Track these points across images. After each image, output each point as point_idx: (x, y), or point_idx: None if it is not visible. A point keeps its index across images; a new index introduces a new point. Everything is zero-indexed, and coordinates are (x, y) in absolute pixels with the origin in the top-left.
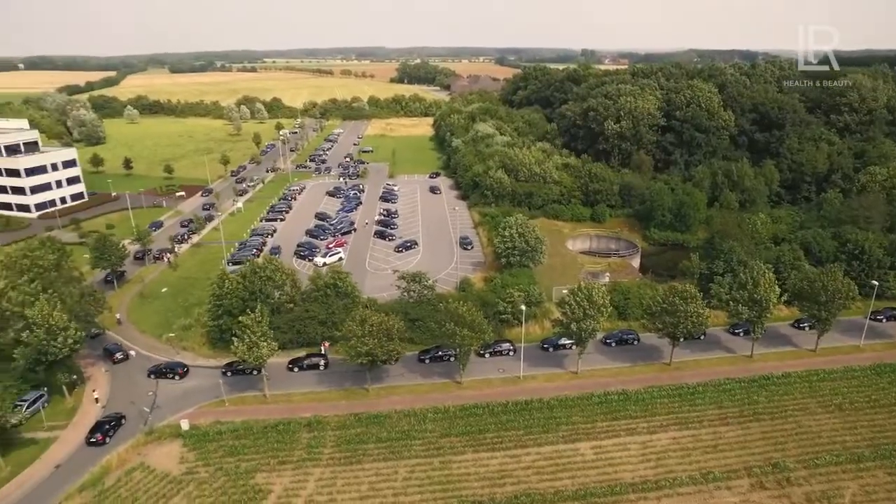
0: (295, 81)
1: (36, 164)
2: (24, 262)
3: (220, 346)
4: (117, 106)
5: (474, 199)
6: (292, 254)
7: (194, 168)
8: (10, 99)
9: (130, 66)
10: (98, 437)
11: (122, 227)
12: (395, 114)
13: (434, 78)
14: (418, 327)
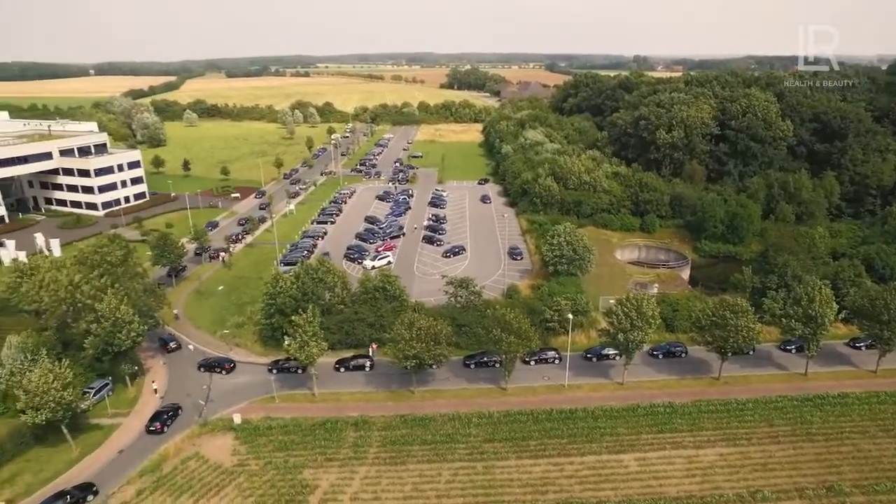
0: (347, 86)
1: (104, 164)
2: (95, 257)
3: (271, 344)
4: (177, 109)
5: (523, 206)
6: (342, 256)
7: (249, 170)
8: (82, 103)
9: (190, 70)
10: (157, 426)
11: (181, 227)
12: (445, 119)
13: (484, 84)
14: (465, 332)
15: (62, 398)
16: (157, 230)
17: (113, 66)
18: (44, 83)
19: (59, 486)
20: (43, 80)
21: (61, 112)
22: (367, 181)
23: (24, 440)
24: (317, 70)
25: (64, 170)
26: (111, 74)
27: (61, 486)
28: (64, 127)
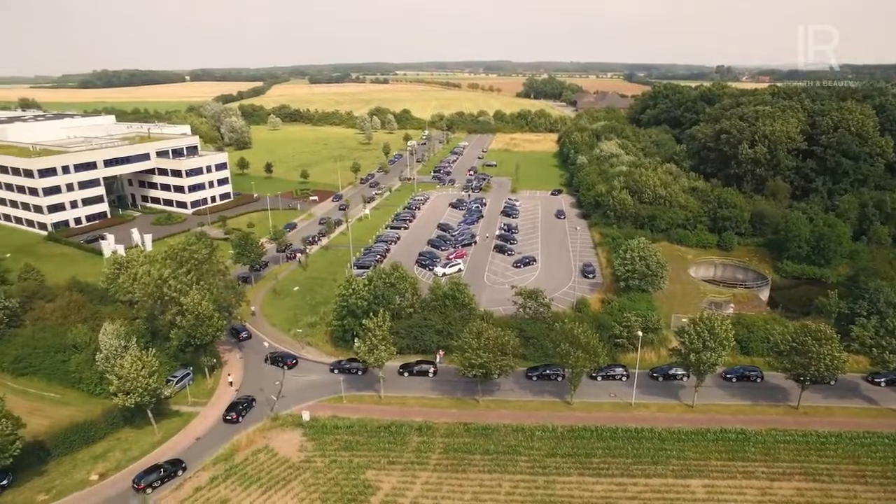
0: (424, 93)
1: (195, 166)
2: (183, 254)
3: (341, 345)
4: (262, 114)
5: (595, 218)
6: (414, 262)
7: (327, 174)
8: (178, 107)
9: (275, 76)
10: (233, 416)
11: (261, 227)
12: (520, 129)
13: (560, 93)
14: (532, 344)
15: (148, 385)
16: (239, 229)
17: (206, 73)
18: (146, 88)
19: (150, 461)
20: (146, 85)
21: (159, 115)
22: (441, 188)
23: (114, 421)
24: (395, 77)
25: (159, 170)
26: (205, 80)
27: (148, 463)
28: (161, 130)
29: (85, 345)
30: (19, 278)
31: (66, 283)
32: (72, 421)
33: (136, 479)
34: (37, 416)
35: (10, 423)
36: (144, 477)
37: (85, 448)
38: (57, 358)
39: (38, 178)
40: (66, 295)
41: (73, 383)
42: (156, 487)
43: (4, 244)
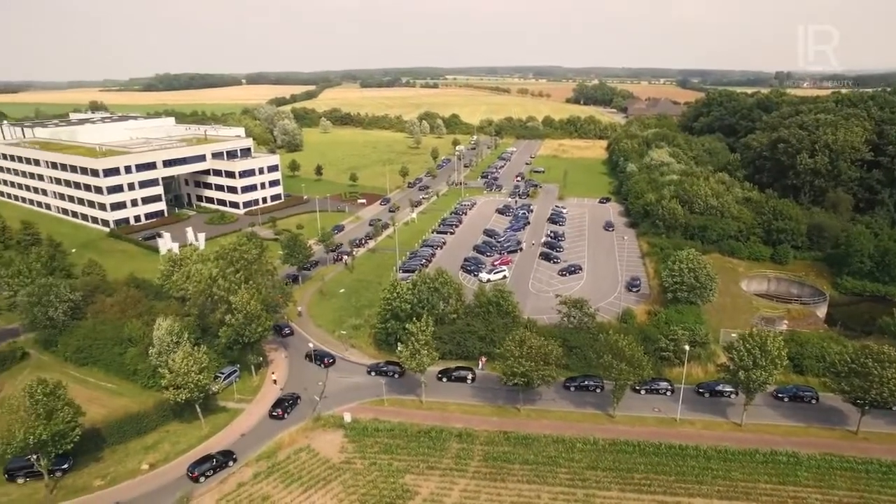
0: (473, 98)
1: (248, 167)
2: (233, 254)
3: (384, 348)
4: (314, 117)
5: (644, 228)
6: (459, 267)
7: (375, 177)
8: (233, 109)
9: (328, 80)
10: (278, 412)
11: (310, 228)
12: (569, 135)
13: (611, 100)
14: (575, 355)
15: (198, 380)
16: (288, 230)
17: (262, 76)
18: (205, 91)
19: (197, 455)
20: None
21: (216, 117)
22: (488, 194)
23: (165, 413)
24: (445, 82)
25: (214, 170)
26: (260, 83)
27: (197, 456)
28: (217, 132)
29: (139, 339)
30: (83, 273)
31: (125, 278)
32: (126, 411)
33: (190, 468)
34: (95, 405)
35: (72, 410)
36: (198, 466)
37: (137, 438)
38: (114, 350)
39: (103, 178)
40: (124, 290)
41: (128, 375)
42: (208, 477)
43: (71, 240)
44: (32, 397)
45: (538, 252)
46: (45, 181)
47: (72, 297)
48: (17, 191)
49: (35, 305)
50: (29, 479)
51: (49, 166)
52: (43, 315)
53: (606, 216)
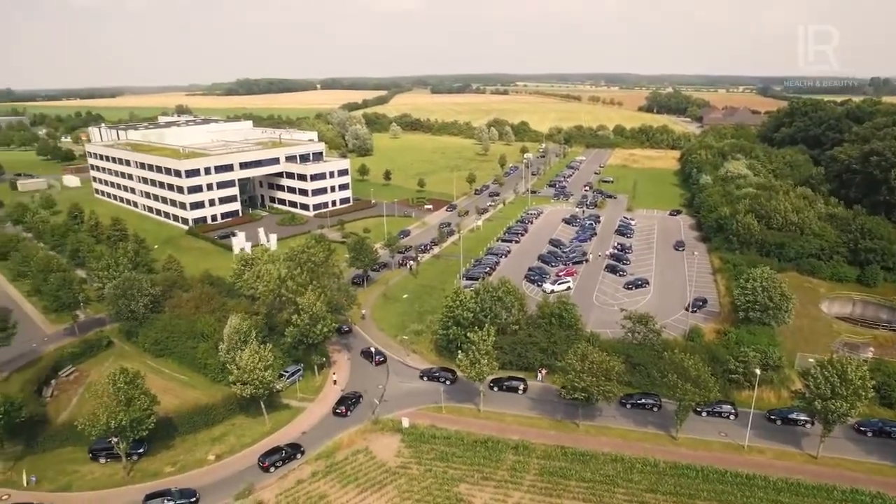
0: (543, 105)
1: (319, 171)
2: (302, 256)
3: (445, 355)
4: (384, 122)
5: (716, 242)
6: (522, 277)
7: (443, 183)
8: (307, 114)
9: (399, 86)
10: (342, 410)
11: (376, 232)
12: (640, 144)
13: (685, 108)
14: (638, 372)
15: (263, 378)
16: (355, 233)
17: (335, 81)
18: (281, 96)
19: (261, 449)
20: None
21: (291, 121)
22: (555, 203)
23: (231, 407)
24: (515, 88)
25: (287, 173)
26: (333, 89)
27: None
28: (291, 135)
29: (211, 334)
30: (163, 268)
31: (200, 275)
32: (196, 403)
33: (261, 458)
34: (168, 395)
35: (148, 399)
36: (268, 457)
37: (205, 429)
38: (188, 344)
39: (185, 178)
40: (199, 287)
41: (199, 369)
42: (278, 467)
43: (154, 236)
44: (115, 385)
45: (604, 264)
46: (134, 180)
47: (152, 292)
48: (110, 189)
49: (120, 298)
50: (109, 460)
51: (137, 166)
52: (126, 307)
53: (677, 230)
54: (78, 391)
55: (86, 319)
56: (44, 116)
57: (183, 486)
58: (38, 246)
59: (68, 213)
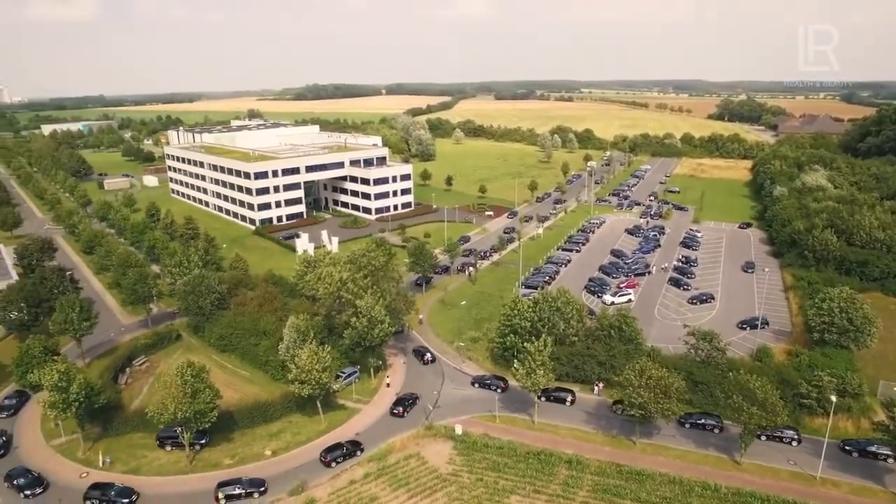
0: (608, 113)
1: (382, 175)
2: (363, 259)
3: (500, 363)
4: (448, 128)
5: (789, 258)
6: (582, 287)
7: (504, 190)
8: (372, 118)
9: (464, 92)
10: (399, 410)
11: (436, 237)
12: (709, 154)
13: (759, 116)
14: (701, 391)
15: (321, 378)
16: (416, 238)
17: (400, 87)
18: (348, 101)
19: (316, 447)
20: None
21: (356, 126)
22: (618, 213)
23: (289, 405)
24: (580, 95)
25: (350, 177)
26: (398, 94)
27: (312, 449)
28: (356, 140)
29: (272, 333)
30: (230, 266)
31: (265, 274)
32: (256, 399)
33: (322, 454)
34: (230, 390)
35: (212, 393)
36: (330, 452)
37: (263, 425)
38: (250, 341)
39: (253, 180)
40: (263, 286)
41: (260, 365)
42: (339, 463)
43: (223, 235)
44: (182, 377)
45: (667, 277)
46: (207, 181)
47: (218, 290)
48: (184, 189)
49: (189, 294)
50: (174, 448)
51: (210, 168)
52: (194, 303)
53: (746, 244)
54: (149, 380)
55: (158, 313)
56: (130, 120)
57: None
58: (119, 242)
59: (146, 211)
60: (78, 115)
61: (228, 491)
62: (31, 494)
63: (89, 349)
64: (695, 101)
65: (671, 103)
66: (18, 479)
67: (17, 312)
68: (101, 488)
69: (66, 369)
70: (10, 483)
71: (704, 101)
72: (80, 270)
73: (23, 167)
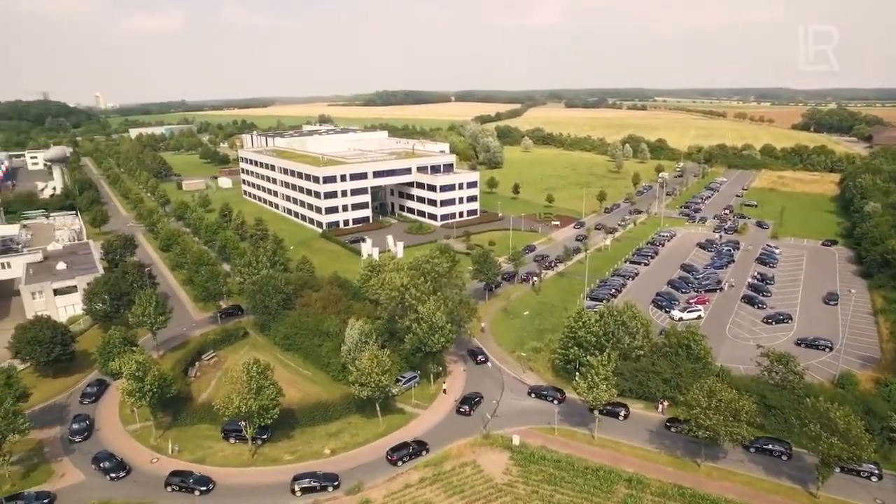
0: (683, 122)
1: (448, 182)
2: (426, 265)
3: (562, 375)
4: (516, 135)
5: (880, 279)
6: (649, 301)
7: (572, 200)
8: (440, 125)
9: (533, 99)
10: (465, 409)
11: (501, 246)
12: (792, 166)
13: (851, 126)
14: (774, 416)
15: (380, 381)
16: (480, 246)
17: (469, 94)
18: (417, 107)
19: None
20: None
21: (424, 133)
22: (690, 226)
23: (348, 406)
24: (654, 104)
25: (417, 183)
26: (468, 101)
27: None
28: (424, 146)
29: (335, 334)
30: (297, 268)
31: (329, 277)
32: (317, 398)
33: (389, 452)
34: (292, 388)
35: (276, 390)
36: (396, 451)
37: (323, 424)
38: (314, 341)
39: (322, 184)
40: (327, 288)
41: (322, 366)
42: (405, 461)
43: (292, 237)
44: (248, 373)
45: (741, 294)
46: (277, 184)
47: (285, 290)
48: (256, 191)
49: (257, 293)
50: (237, 441)
51: (281, 171)
52: (262, 302)
53: (831, 263)
54: (216, 375)
55: (226, 309)
56: (208, 124)
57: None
58: (193, 240)
59: (220, 211)
60: (161, 119)
61: (304, 484)
62: (116, 477)
63: (163, 342)
64: (777, 111)
65: (752, 112)
66: (104, 462)
67: (101, 304)
68: (180, 475)
69: (143, 360)
70: (96, 465)
71: (788, 111)
72: (157, 266)
73: (111, 168)
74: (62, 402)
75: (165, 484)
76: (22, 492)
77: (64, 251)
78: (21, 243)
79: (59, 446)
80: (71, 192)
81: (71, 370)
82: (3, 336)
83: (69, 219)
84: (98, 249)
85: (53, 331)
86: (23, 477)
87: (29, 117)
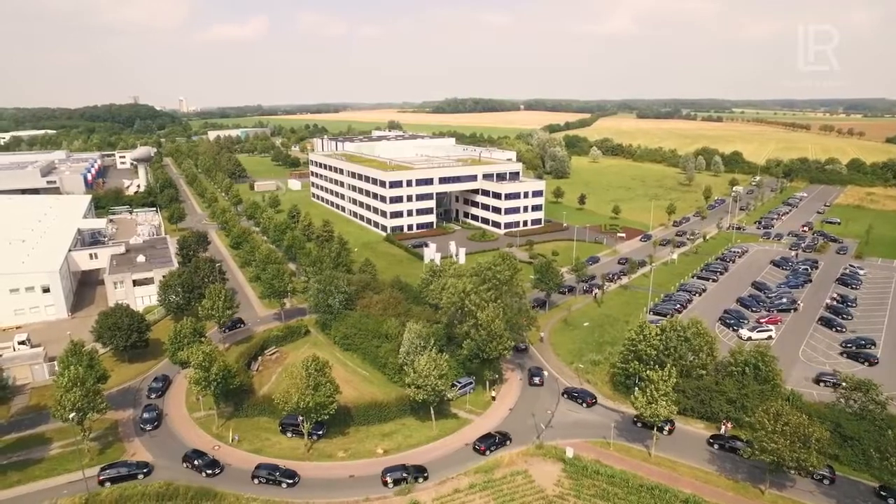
0: (761, 134)
1: (514, 190)
2: (487, 272)
3: (620, 390)
4: (584, 145)
5: None
6: (716, 319)
7: (639, 212)
8: (508, 133)
9: (604, 109)
10: (480, 447)
11: (564, 256)
12: (884, 182)
13: None
14: (851, 447)
15: (436, 385)
16: (543, 255)
17: (539, 102)
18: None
19: (426, 451)
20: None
21: (492, 140)
22: (764, 242)
23: (403, 408)
24: (731, 115)
25: (482, 190)
26: (537, 110)
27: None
28: (490, 154)
29: (394, 337)
30: (360, 270)
31: (391, 280)
32: (373, 398)
33: (476, 443)
34: (349, 387)
35: (333, 387)
36: (483, 441)
37: (377, 424)
38: (372, 342)
39: (388, 189)
40: (388, 290)
41: (379, 367)
42: (492, 451)
43: (356, 239)
44: (307, 370)
45: (817, 315)
46: (345, 187)
47: (347, 291)
48: (324, 193)
49: (320, 293)
50: (294, 435)
51: (349, 175)
52: (324, 302)
53: None
54: (277, 370)
55: (290, 308)
56: (281, 128)
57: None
58: (262, 239)
59: (288, 212)
60: (238, 122)
61: (395, 476)
62: (212, 474)
63: (229, 335)
64: (869, 123)
65: (839, 125)
66: (196, 460)
67: (174, 296)
68: (267, 468)
69: (210, 351)
70: (189, 464)
71: (882, 123)
72: (227, 263)
73: (190, 168)
74: (135, 387)
75: (252, 476)
76: (124, 460)
77: (144, 245)
78: (107, 236)
79: (132, 427)
80: (153, 190)
81: (146, 357)
82: (88, 322)
83: (150, 215)
84: (174, 244)
85: (132, 318)
86: (99, 453)
87: (121, 120)
